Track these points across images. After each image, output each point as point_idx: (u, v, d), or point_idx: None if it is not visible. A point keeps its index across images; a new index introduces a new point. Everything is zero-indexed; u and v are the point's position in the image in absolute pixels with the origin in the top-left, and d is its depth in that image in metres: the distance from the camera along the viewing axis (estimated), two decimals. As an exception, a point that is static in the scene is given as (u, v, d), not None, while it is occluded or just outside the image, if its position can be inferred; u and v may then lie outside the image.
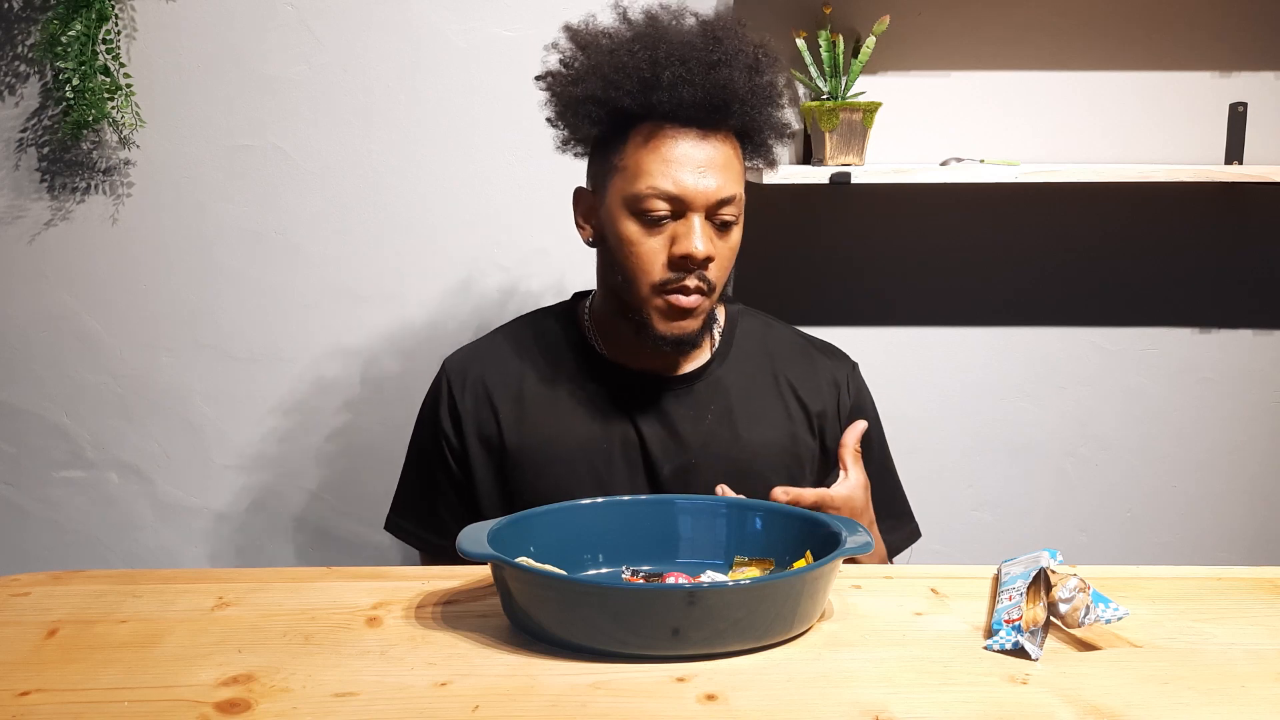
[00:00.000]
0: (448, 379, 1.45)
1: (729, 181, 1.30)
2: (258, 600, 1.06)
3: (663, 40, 1.30)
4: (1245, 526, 2.06)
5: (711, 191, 1.29)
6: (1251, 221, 1.98)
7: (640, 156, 1.30)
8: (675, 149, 1.29)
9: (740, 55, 1.31)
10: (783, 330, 1.52)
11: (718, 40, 1.31)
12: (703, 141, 1.30)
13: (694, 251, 1.28)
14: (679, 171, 1.28)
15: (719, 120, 1.31)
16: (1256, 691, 0.88)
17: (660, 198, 1.29)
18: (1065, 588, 0.96)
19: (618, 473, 1.39)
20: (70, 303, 1.87)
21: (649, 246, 1.30)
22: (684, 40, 1.31)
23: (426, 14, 1.83)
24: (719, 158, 1.30)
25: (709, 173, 1.29)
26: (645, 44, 1.30)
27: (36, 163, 1.84)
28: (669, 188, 1.28)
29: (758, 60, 1.32)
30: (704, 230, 1.29)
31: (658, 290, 1.32)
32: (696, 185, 1.28)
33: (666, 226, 1.30)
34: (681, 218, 1.30)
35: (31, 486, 1.91)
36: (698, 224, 1.29)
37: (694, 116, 1.29)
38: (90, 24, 1.72)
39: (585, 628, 0.92)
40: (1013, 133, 1.92)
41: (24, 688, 0.87)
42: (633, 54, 1.29)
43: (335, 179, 1.86)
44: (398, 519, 1.50)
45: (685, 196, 1.28)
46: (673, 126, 1.30)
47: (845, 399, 1.47)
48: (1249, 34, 1.92)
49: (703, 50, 1.29)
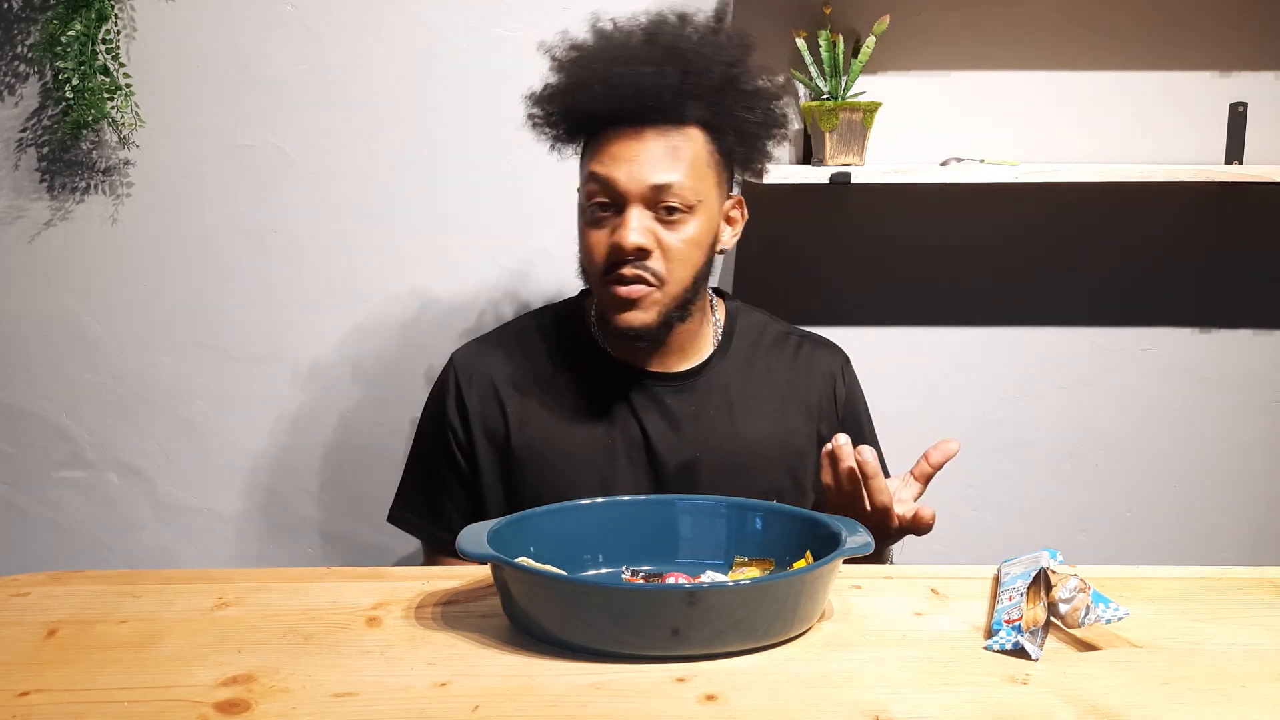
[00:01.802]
0: (455, 374, 1.46)
1: (668, 170, 1.33)
2: (257, 600, 1.06)
3: (599, 52, 1.38)
4: (1245, 526, 2.05)
5: (643, 179, 1.32)
6: (1251, 221, 1.98)
7: (588, 158, 1.38)
8: (611, 145, 1.35)
9: (676, 50, 1.34)
10: (777, 326, 1.54)
11: (650, 40, 1.36)
12: (643, 134, 1.34)
13: (622, 242, 1.32)
14: (612, 163, 1.34)
15: (655, 115, 1.34)
16: (1256, 691, 0.88)
17: (596, 190, 1.35)
18: (1065, 588, 0.96)
19: (622, 470, 1.40)
20: (70, 303, 1.87)
21: (594, 239, 1.36)
22: (619, 45, 1.37)
23: (427, 14, 1.83)
24: (659, 150, 1.33)
25: (644, 163, 1.33)
26: (587, 57, 1.38)
27: (36, 163, 1.84)
28: (601, 174, 1.34)
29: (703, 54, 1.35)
30: (640, 222, 1.33)
31: (603, 281, 1.37)
32: (628, 174, 1.33)
33: (610, 221, 1.35)
34: (622, 211, 1.34)
35: (31, 486, 1.91)
36: (631, 215, 1.33)
37: (626, 116, 1.34)
38: (90, 24, 1.72)
39: (585, 628, 0.92)
40: (1013, 133, 1.92)
41: (23, 688, 0.87)
42: (576, 69, 1.38)
43: (335, 179, 1.86)
44: (401, 511, 1.52)
45: (615, 184, 1.33)
46: (615, 127, 1.35)
47: (840, 390, 1.50)
48: (1249, 34, 1.92)
49: (631, 51, 1.35)
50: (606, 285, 1.36)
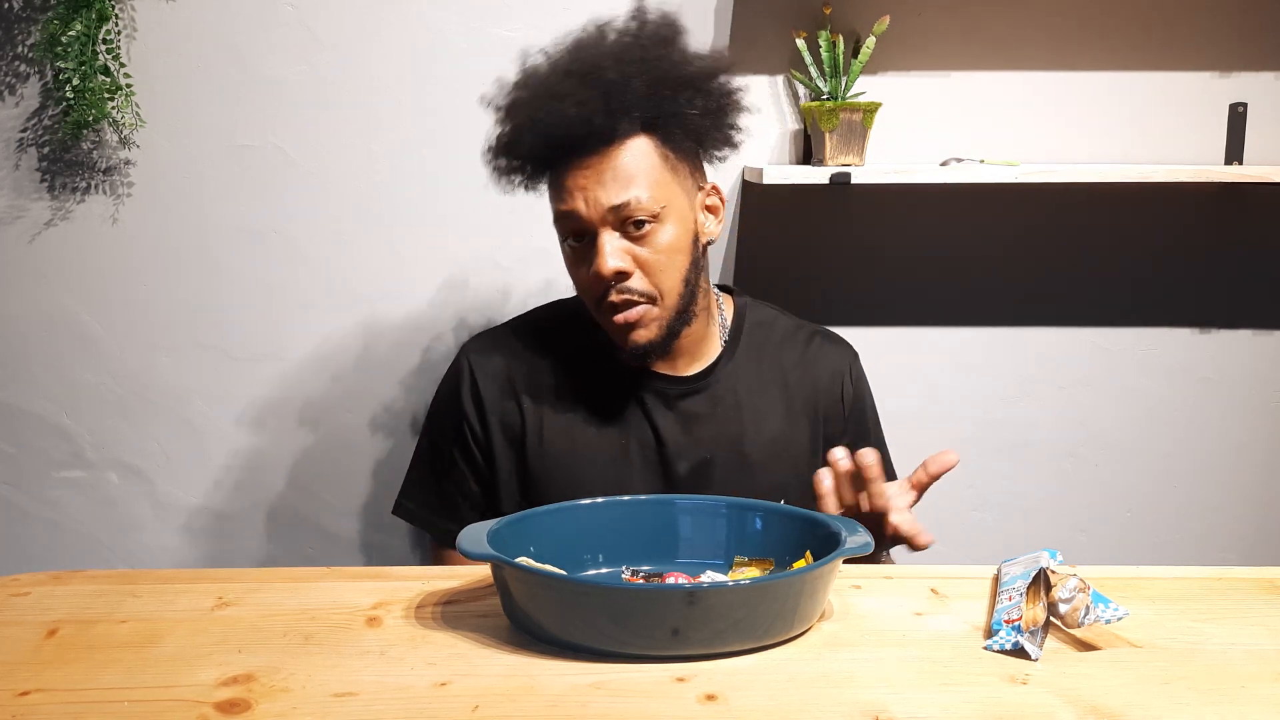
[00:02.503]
0: (470, 364, 1.45)
1: (620, 189, 1.31)
2: (257, 600, 1.06)
3: (523, 97, 1.35)
4: (1245, 526, 2.06)
5: (599, 204, 1.31)
6: (1251, 222, 1.98)
7: (550, 196, 1.37)
8: (564, 179, 1.34)
9: (594, 71, 1.31)
10: (787, 321, 1.53)
11: (569, 71, 1.33)
12: (586, 162, 1.32)
13: (600, 270, 1.32)
14: (568, 197, 1.33)
15: (589, 142, 1.32)
16: (1256, 692, 0.88)
17: (565, 226, 1.35)
18: (1065, 588, 0.96)
19: (635, 472, 1.40)
20: (70, 303, 1.87)
21: (581, 273, 1.37)
22: (543, 85, 1.34)
23: (427, 14, 1.83)
24: (605, 171, 1.31)
25: (595, 189, 1.31)
26: (514, 105, 1.36)
27: (36, 163, 1.84)
28: (563, 210, 1.34)
29: (621, 66, 1.32)
30: (612, 245, 1.32)
31: (600, 311, 1.37)
32: (585, 203, 1.32)
33: (586, 251, 1.34)
34: (594, 240, 1.33)
35: (31, 486, 1.91)
36: (603, 241, 1.32)
37: (565, 151, 1.33)
38: (90, 24, 1.72)
39: (585, 628, 0.92)
40: (1013, 133, 1.92)
41: (24, 688, 0.87)
42: (506, 119, 1.37)
43: (335, 179, 1.86)
44: (408, 503, 1.51)
45: (577, 216, 1.33)
46: (561, 163, 1.34)
47: (847, 388, 1.50)
48: (1249, 34, 1.92)
49: (547, 89, 1.33)
50: (604, 315, 1.36)
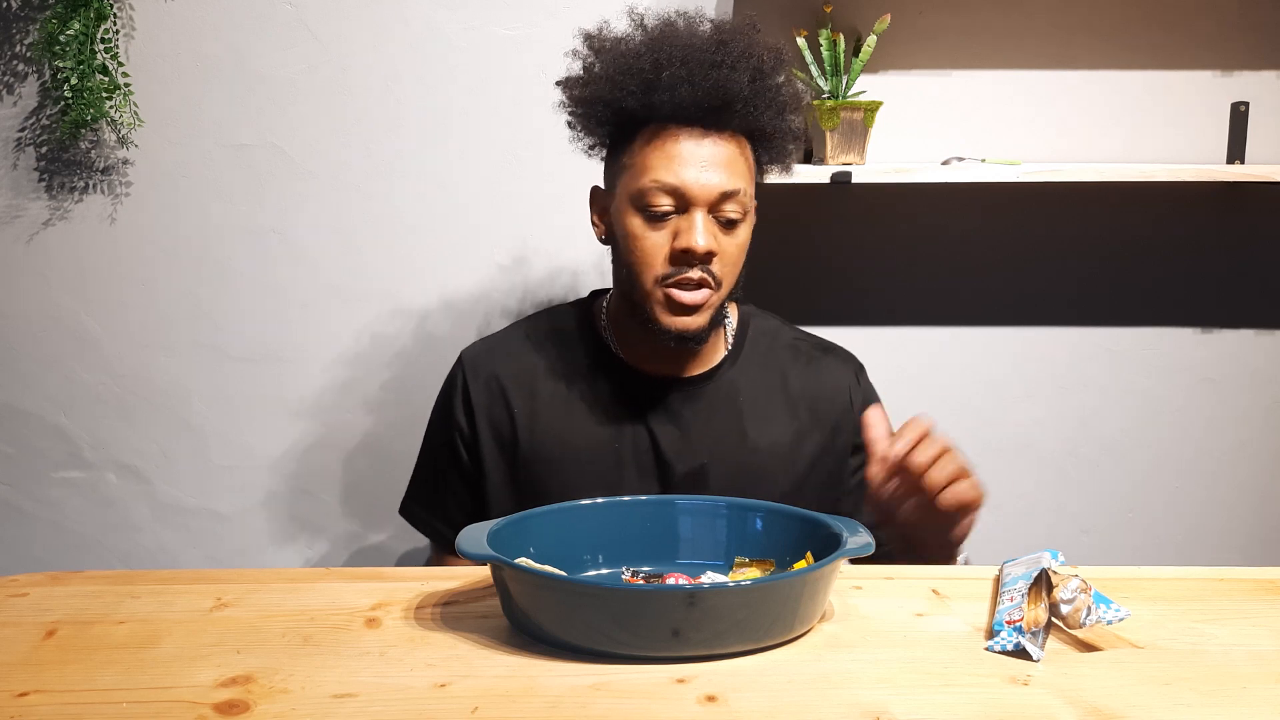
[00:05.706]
0: (464, 372, 1.46)
1: (732, 178, 1.32)
2: (256, 601, 1.06)
3: (668, 44, 1.33)
4: (1247, 526, 2.05)
5: (713, 186, 1.31)
6: (1253, 221, 1.98)
7: (645, 154, 1.33)
8: (677, 146, 1.32)
9: (746, 58, 1.33)
10: (791, 333, 1.53)
11: (723, 43, 1.33)
12: (705, 139, 1.32)
13: (694, 245, 1.30)
14: (681, 167, 1.31)
15: (721, 120, 1.33)
16: (1258, 692, 0.88)
17: (663, 191, 1.31)
18: (1067, 588, 0.96)
19: (629, 474, 1.39)
20: (69, 303, 1.87)
21: (652, 241, 1.33)
22: (689, 43, 1.33)
23: (427, 13, 1.83)
24: (722, 155, 1.32)
25: (710, 169, 1.31)
26: (651, 48, 1.33)
27: (35, 162, 1.84)
28: (671, 181, 1.31)
29: (763, 64, 1.34)
30: (706, 226, 1.31)
31: (660, 283, 1.33)
32: (698, 180, 1.30)
33: (670, 221, 1.32)
34: (684, 213, 1.32)
35: (30, 487, 1.91)
36: (699, 219, 1.31)
37: (695, 116, 1.32)
38: (89, 23, 1.72)
39: (585, 629, 0.92)
40: (1014, 132, 1.92)
41: (22, 688, 0.87)
42: (638, 57, 1.33)
43: (335, 179, 1.85)
44: (412, 505, 1.53)
45: (687, 190, 1.31)
46: (676, 125, 1.32)
47: (857, 399, 1.48)
48: (1251, 33, 1.92)
49: (706, 52, 1.32)
50: (665, 287, 1.33)
